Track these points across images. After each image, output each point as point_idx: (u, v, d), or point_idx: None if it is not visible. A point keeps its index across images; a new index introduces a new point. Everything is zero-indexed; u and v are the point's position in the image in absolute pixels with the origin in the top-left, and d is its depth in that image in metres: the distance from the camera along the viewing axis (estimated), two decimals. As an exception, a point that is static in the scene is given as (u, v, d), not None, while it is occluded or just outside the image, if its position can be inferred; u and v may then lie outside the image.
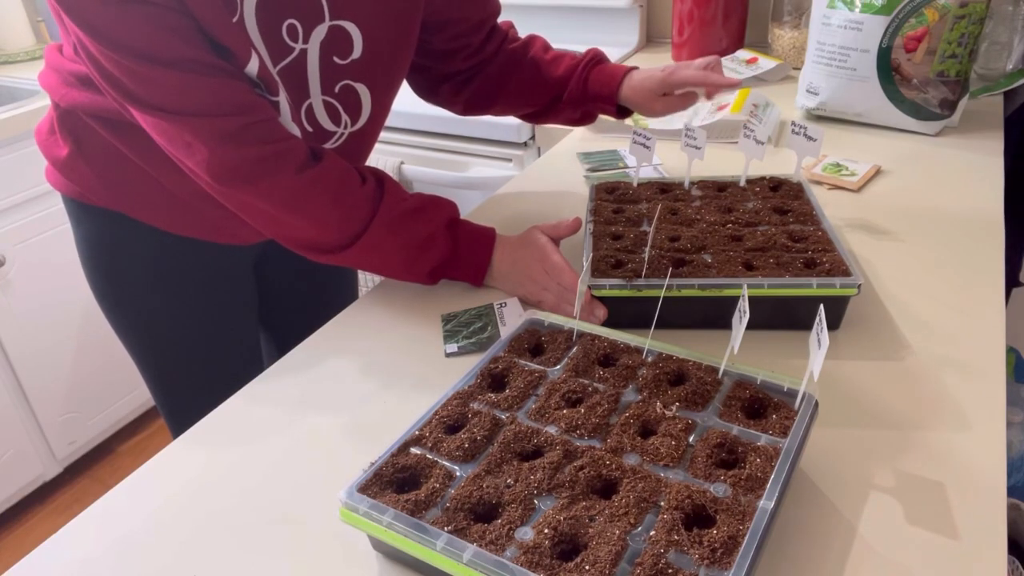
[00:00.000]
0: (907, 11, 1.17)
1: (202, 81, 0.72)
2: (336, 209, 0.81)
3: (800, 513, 0.59)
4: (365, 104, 0.90)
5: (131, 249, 0.94)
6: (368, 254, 0.84)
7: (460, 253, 0.87)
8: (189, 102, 0.73)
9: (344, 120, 0.89)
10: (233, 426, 0.73)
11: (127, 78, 0.71)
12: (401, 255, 0.85)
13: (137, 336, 1.00)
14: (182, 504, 0.65)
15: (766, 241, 0.83)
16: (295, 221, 0.81)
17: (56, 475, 2.01)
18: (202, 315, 1.00)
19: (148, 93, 0.72)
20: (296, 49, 0.80)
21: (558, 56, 1.06)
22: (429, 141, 1.53)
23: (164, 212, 0.91)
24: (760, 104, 1.32)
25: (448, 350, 0.80)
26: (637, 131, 0.97)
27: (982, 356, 0.74)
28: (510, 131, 1.44)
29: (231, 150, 0.75)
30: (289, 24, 0.78)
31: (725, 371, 0.64)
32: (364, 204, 0.82)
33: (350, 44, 0.84)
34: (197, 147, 0.75)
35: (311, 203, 0.79)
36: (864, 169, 1.13)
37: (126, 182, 0.89)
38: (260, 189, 0.77)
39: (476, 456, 0.58)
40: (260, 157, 0.76)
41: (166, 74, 0.71)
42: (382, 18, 0.85)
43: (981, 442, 0.64)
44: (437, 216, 0.86)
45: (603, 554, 0.49)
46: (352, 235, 0.82)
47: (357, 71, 0.86)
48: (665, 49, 1.81)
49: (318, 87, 0.84)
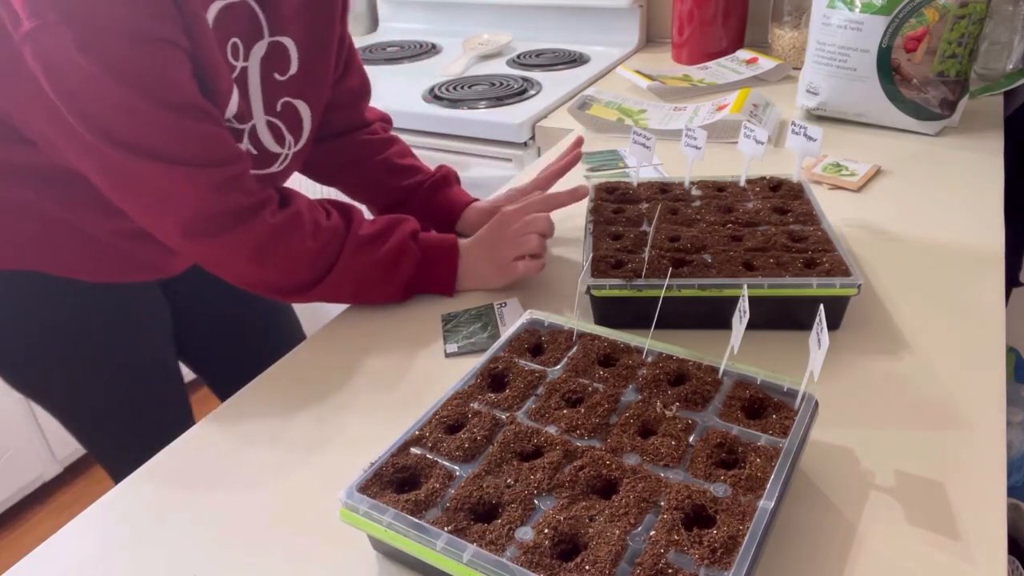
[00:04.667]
0: (907, 11, 1.17)
1: (199, 128, 0.71)
2: (310, 247, 0.80)
3: (800, 513, 0.59)
4: (306, 121, 0.89)
5: (43, 310, 0.88)
6: (341, 282, 0.83)
7: (429, 258, 0.88)
8: (188, 150, 0.71)
9: (288, 140, 0.88)
10: (233, 426, 0.73)
11: (123, 118, 0.68)
12: (375, 272, 0.85)
13: (55, 395, 0.95)
14: (182, 504, 0.65)
15: (766, 241, 0.83)
16: (269, 266, 0.79)
17: (56, 475, 2.01)
18: (122, 355, 0.94)
19: (143, 136, 0.69)
20: (237, 68, 0.78)
21: (409, 167, 1.06)
22: (429, 141, 1.53)
23: (88, 260, 0.86)
24: (760, 104, 1.32)
25: (448, 350, 0.80)
26: (637, 131, 0.97)
27: (982, 356, 0.74)
28: (510, 131, 1.44)
29: (217, 200, 0.74)
30: (233, 43, 0.77)
31: (725, 371, 0.64)
32: (333, 237, 0.82)
33: (288, 60, 0.83)
34: (182, 196, 0.72)
35: (285, 245, 0.79)
36: (864, 169, 1.13)
37: (38, 237, 0.83)
38: (237, 238, 0.76)
39: (476, 456, 0.58)
40: (240, 207, 0.75)
41: (170, 118, 0.69)
42: (310, 32, 0.85)
43: (981, 442, 0.64)
44: (402, 230, 0.87)
45: (603, 554, 0.49)
46: (324, 268, 0.82)
47: (295, 87, 0.86)
48: (665, 49, 1.81)
49: (260, 106, 0.83)
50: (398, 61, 1.86)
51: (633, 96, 1.48)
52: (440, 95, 1.58)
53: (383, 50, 1.95)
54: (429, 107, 1.54)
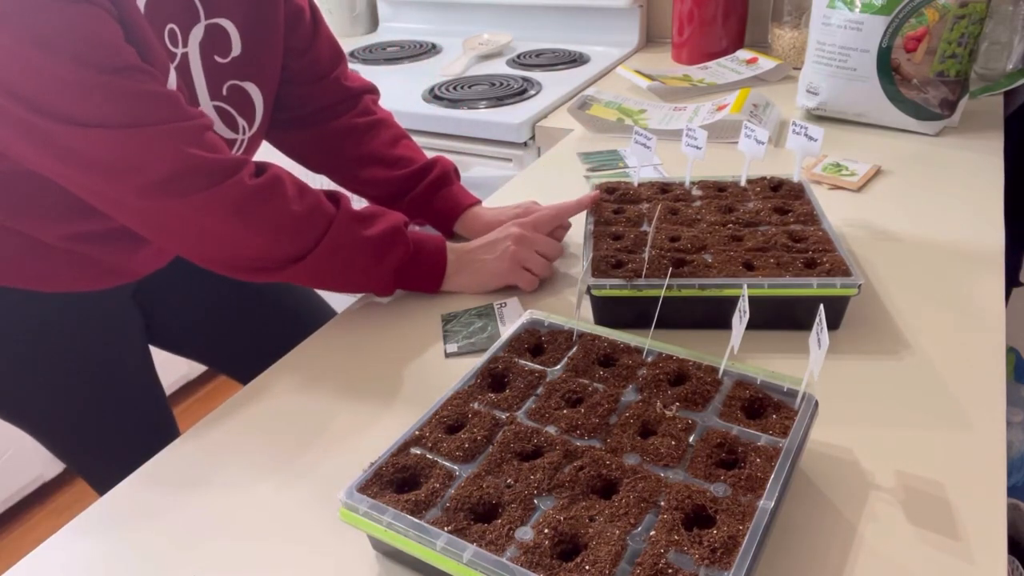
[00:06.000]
0: (907, 11, 1.17)
1: (148, 88, 0.69)
2: (295, 210, 0.77)
3: (800, 513, 0.59)
4: (258, 104, 0.88)
5: (7, 325, 0.84)
6: (328, 258, 0.79)
7: (420, 248, 0.86)
8: (154, 110, 0.68)
9: (241, 125, 0.86)
10: (232, 426, 0.73)
11: (60, 89, 0.64)
12: (366, 251, 0.81)
13: (27, 413, 0.91)
14: (182, 504, 0.65)
15: (766, 241, 0.83)
16: (248, 231, 0.75)
17: (56, 475, 2.00)
18: (90, 367, 0.90)
19: (88, 106, 0.66)
20: (178, 54, 0.77)
21: (402, 158, 1.02)
22: (429, 141, 1.53)
23: (44, 270, 0.83)
24: (760, 104, 1.32)
25: (448, 350, 0.80)
26: (638, 131, 0.97)
27: (982, 356, 0.74)
28: (510, 131, 1.44)
29: (192, 155, 0.70)
30: (170, 29, 0.75)
31: (725, 371, 0.64)
32: (320, 208, 0.79)
33: (228, 42, 0.82)
34: (157, 156, 0.69)
35: (267, 207, 0.75)
36: (864, 169, 1.13)
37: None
38: (211, 198, 0.72)
39: (476, 456, 0.58)
40: (213, 166, 0.72)
41: (127, 83, 0.67)
42: (251, 12, 0.83)
43: (981, 442, 0.64)
44: (393, 216, 0.85)
45: (603, 554, 0.49)
46: (311, 240, 0.77)
47: (240, 69, 0.84)
48: (665, 49, 1.81)
49: (205, 91, 0.81)
50: (398, 61, 1.86)
51: (633, 96, 1.48)
52: (440, 95, 1.58)
53: (383, 50, 1.95)
54: (429, 107, 1.54)
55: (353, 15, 2.14)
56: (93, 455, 0.95)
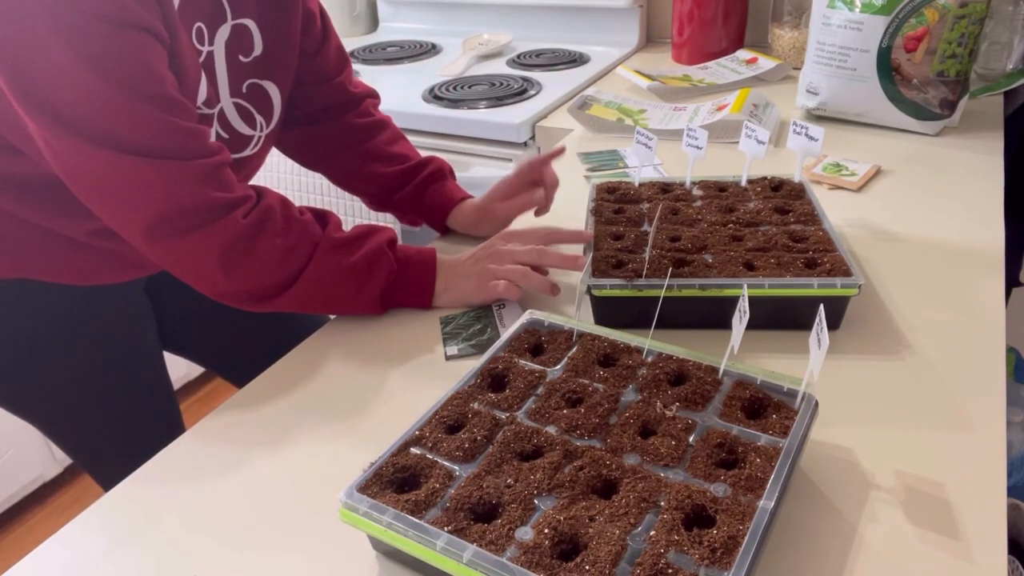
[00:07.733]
0: (907, 11, 1.17)
1: (177, 122, 0.70)
2: (279, 244, 0.77)
3: (800, 513, 0.59)
4: (275, 102, 0.89)
5: (23, 320, 0.86)
6: (312, 286, 0.80)
7: (406, 267, 0.86)
8: (166, 143, 0.69)
9: (259, 122, 0.88)
10: (231, 427, 0.73)
11: (98, 110, 0.65)
12: (348, 278, 0.82)
13: (40, 407, 0.93)
14: (182, 504, 0.65)
15: (767, 241, 0.83)
16: (239, 269, 0.76)
17: (56, 475, 2.01)
18: (107, 360, 0.92)
19: (118, 128, 0.67)
20: (204, 52, 0.78)
21: (398, 155, 1.04)
22: (429, 141, 1.53)
23: (68, 263, 0.84)
24: (760, 104, 1.32)
25: (448, 352, 0.80)
26: (640, 131, 0.97)
27: (982, 356, 0.74)
28: (510, 131, 1.44)
29: (196, 195, 0.71)
30: (198, 27, 0.77)
31: (725, 371, 0.64)
32: (305, 236, 0.80)
33: (251, 42, 0.84)
34: (156, 191, 0.70)
35: (254, 245, 0.76)
36: (864, 169, 1.13)
37: (18, 245, 0.82)
38: (207, 236, 0.73)
39: (476, 456, 0.58)
40: (217, 203, 0.73)
41: (148, 111, 0.67)
42: (271, 12, 0.85)
43: (981, 442, 0.64)
44: (378, 237, 0.85)
45: (603, 554, 0.49)
46: (296, 270, 0.79)
47: (261, 68, 0.86)
48: (665, 49, 1.81)
49: (227, 88, 0.83)
50: (398, 61, 1.86)
51: (633, 96, 1.48)
52: (440, 95, 1.58)
53: (383, 50, 1.95)
54: (429, 107, 1.54)
55: (353, 15, 2.14)
56: (104, 448, 0.96)
